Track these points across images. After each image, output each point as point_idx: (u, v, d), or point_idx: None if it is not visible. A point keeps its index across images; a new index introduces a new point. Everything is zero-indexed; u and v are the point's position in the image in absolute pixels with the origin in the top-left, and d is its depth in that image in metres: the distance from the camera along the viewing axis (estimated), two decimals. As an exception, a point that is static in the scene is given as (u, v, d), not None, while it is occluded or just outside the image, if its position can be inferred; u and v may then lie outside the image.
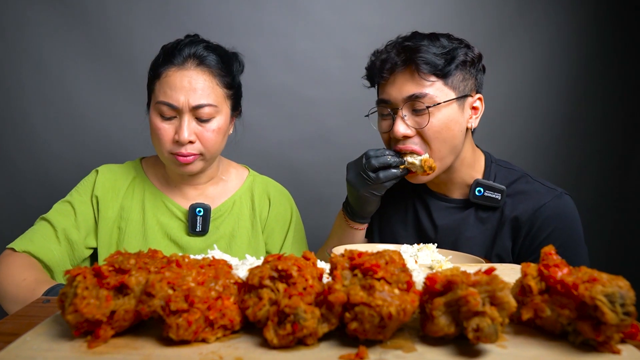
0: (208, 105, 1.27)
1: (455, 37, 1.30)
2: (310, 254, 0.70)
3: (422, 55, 1.21)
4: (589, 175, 2.43)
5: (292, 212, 1.51)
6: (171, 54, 1.30)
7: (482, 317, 0.59)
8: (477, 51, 1.30)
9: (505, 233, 1.30)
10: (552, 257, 0.67)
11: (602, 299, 0.59)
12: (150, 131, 1.33)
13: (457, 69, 1.24)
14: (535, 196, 1.29)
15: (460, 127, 1.27)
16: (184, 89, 1.26)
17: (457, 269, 0.64)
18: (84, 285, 0.63)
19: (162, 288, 0.62)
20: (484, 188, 1.31)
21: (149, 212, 1.38)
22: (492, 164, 1.37)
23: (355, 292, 0.61)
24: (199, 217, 1.36)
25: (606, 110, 2.43)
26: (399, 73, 1.24)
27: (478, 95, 1.31)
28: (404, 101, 1.23)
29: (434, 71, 1.21)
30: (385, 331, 0.61)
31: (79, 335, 0.62)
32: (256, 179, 1.51)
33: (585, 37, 2.39)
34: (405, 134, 1.24)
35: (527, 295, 0.67)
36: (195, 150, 1.29)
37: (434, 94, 1.22)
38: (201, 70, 1.29)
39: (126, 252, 0.69)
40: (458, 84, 1.25)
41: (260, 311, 0.63)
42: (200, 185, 1.43)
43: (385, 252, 0.66)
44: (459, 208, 1.36)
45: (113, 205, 1.37)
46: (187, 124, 1.26)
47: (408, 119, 1.24)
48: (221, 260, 0.71)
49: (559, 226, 1.27)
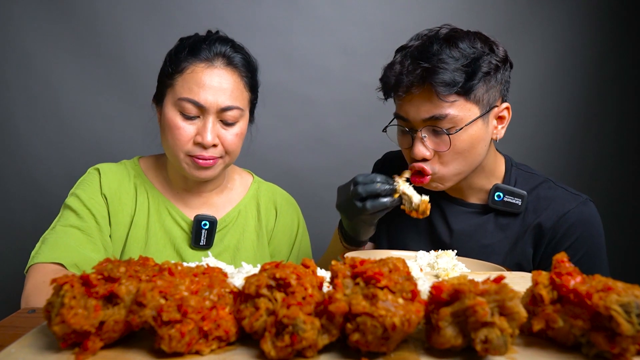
0: (236, 108, 1.26)
1: (480, 35, 1.23)
2: (309, 262, 0.70)
3: (439, 76, 1.15)
4: (603, 178, 2.43)
5: (299, 223, 1.50)
6: (198, 49, 1.26)
7: (491, 328, 0.59)
8: (502, 52, 1.23)
9: (527, 240, 1.29)
10: (564, 264, 0.67)
11: (618, 309, 0.60)
12: (164, 129, 1.27)
13: (479, 81, 1.18)
14: (559, 202, 1.29)
15: (484, 143, 1.24)
16: (212, 88, 1.23)
17: (464, 278, 0.64)
18: (71, 294, 0.63)
19: (153, 297, 0.62)
20: (503, 193, 1.30)
21: (154, 217, 1.34)
22: (513, 167, 1.36)
23: (357, 302, 0.61)
24: (204, 231, 1.33)
25: (621, 110, 2.43)
26: (416, 93, 1.19)
27: (505, 105, 1.27)
28: (423, 122, 1.20)
29: (453, 90, 1.16)
30: (388, 343, 0.61)
31: (66, 347, 0.62)
32: (261, 186, 1.49)
33: (599, 34, 2.40)
34: (425, 156, 1.22)
35: (538, 305, 0.67)
36: (217, 153, 1.26)
37: (455, 113, 1.18)
38: (231, 70, 1.27)
39: (116, 259, 0.70)
40: (481, 97, 1.20)
41: (257, 322, 0.63)
42: (205, 194, 1.40)
43: (389, 260, 0.66)
44: (477, 213, 1.35)
45: (120, 205, 1.32)
46: (212, 125, 1.24)
47: (428, 139, 1.21)
48: (216, 268, 0.72)
49: (584, 234, 1.27)
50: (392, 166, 1.52)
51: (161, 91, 1.31)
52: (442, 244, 1.37)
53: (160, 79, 1.32)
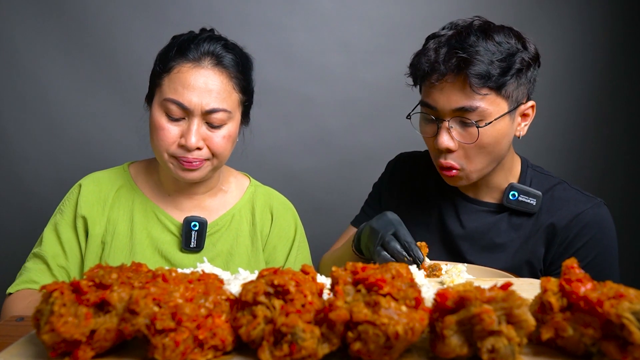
0: (222, 110, 1.25)
1: (512, 30, 1.26)
2: (309, 268, 0.70)
3: (475, 67, 1.17)
4: (614, 180, 2.44)
5: (297, 228, 1.49)
6: (186, 48, 1.27)
7: (498, 337, 0.59)
8: (533, 50, 1.26)
9: (538, 239, 1.32)
10: (574, 271, 0.68)
11: (630, 317, 0.60)
12: (151, 129, 1.29)
13: (512, 77, 1.21)
14: (574, 203, 1.32)
15: (508, 139, 1.27)
16: (197, 89, 1.23)
17: (470, 284, 0.64)
18: (61, 301, 0.63)
19: (146, 305, 0.62)
20: (518, 192, 1.32)
21: (138, 225, 1.35)
22: (528, 168, 1.39)
23: (358, 310, 0.61)
24: (194, 232, 1.33)
25: (632, 110, 2.44)
26: (448, 82, 1.21)
27: (531, 103, 1.30)
28: (452, 113, 1.22)
29: (487, 83, 1.18)
30: (391, 352, 0.61)
31: (55, 357, 0.62)
32: (258, 190, 1.49)
33: (610, 32, 2.40)
34: (449, 147, 1.23)
35: (547, 313, 0.67)
36: (203, 156, 1.26)
37: (485, 107, 1.20)
38: (219, 70, 1.27)
39: (107, 265, 0.70)
40: (512, 93, 1.23)
41: (255, 330, 0.63)
42: (197, 196, 1.40)
43: (392, 266, 0.66)
44: (491, 212, 1.37)
45: (100, 220, 1.34)
46: (197, 128, 1.24)
47: (454, 130, 1.23)
48: (212, 275, 0.72)
49: (596, 236, 1.29)
50: (405, 168, 1.55)
51: (152, 91, 1.32)
52: (453, 241, 1.39)
53: (151, 79, 1.33)
